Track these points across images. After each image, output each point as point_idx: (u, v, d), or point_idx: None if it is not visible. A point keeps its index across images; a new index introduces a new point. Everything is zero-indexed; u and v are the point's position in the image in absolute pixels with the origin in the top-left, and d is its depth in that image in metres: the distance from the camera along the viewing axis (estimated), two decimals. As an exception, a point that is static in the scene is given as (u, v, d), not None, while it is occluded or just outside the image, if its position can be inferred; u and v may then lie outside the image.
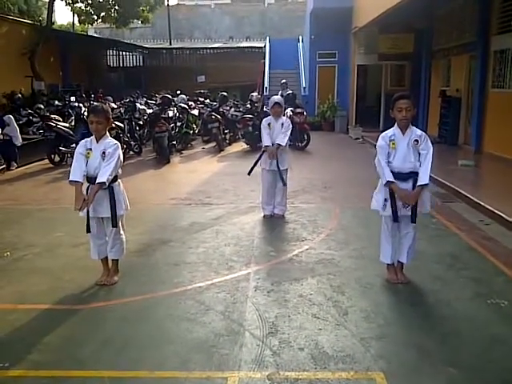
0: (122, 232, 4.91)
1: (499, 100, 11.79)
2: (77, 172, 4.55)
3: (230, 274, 5.14)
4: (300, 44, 25.39)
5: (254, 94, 16.62)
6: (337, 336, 3.87)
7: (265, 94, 20.81)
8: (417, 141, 4.55)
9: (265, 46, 26.02)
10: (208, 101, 18.92)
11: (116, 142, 4.73)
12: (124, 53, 29.51)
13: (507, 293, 4.60)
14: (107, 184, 4.54)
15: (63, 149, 11.86)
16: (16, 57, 17.79)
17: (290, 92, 16.32)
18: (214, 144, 14.86)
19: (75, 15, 26.13)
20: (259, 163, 7.30)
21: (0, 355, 3.64)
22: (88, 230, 4.80)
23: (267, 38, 26.60)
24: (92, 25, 27.35)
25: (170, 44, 32.00)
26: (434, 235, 6.38)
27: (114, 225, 4.69)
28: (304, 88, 21.65)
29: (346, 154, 14.02)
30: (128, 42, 29.26)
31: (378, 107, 18.44)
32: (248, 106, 15.69)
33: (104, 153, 4.58)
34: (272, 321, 4.11)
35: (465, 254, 5.66)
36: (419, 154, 4.57)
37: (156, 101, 17.50)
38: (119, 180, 4.90)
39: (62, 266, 5.29)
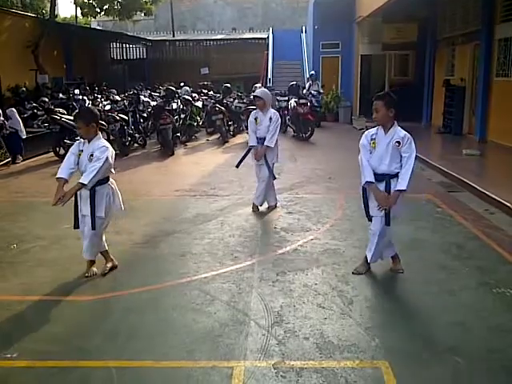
0: (101, 237, 4.93)
1: (503, 89, 11.72)
2: (64, 170, 4.64)
3: (235, 264, 5.16)
4: (303, 35, 25.26)
5: (258, 85, 16.59)
6: (342, 325, 3.89)
7: (268, 85, 20.74)
8: (398, 142, 4.44)
9: (268, 37, 25.92)
10: (212, 92, 18.87)
11: (105, 144, 4.71)
12: (127, 45, 29.42)
13: (512, 282, 4.60)
14: (88, 186, 4.55)
15: (68, 141, 11.85)
16: (20, 50, 17.78)
17: (294, 83, 16.28)
18: (217, 136, 14.85)
19: (78, 8, 26.08)
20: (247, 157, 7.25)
21: (7, 346, 3.68)
22: (76, 226, 4.87)
23: (270, 29, 26.49)
24: (95, 17, 27.27)
25: (173, 36, 31.87)
26: (439, 225, 6.37)
27: (93, 227, 4.70)
28: (308, 78, 21.57)
29: (350, 145, 13.90)
30: (131, 34, 29.17)
31: (382, 97, 18.38)
32: (252, 97, 15.64)
33: (92, 155, 4.61)
34: (277, 310, 4.13)
35: (470, 244, 5.65)
36: (401, 156, 4.48)
37: (160, 93, 17.51)
38: (112, 180, 4.95)
39: (69, 258, 5.33)
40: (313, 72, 18.79)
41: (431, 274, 4.83)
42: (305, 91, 17.52)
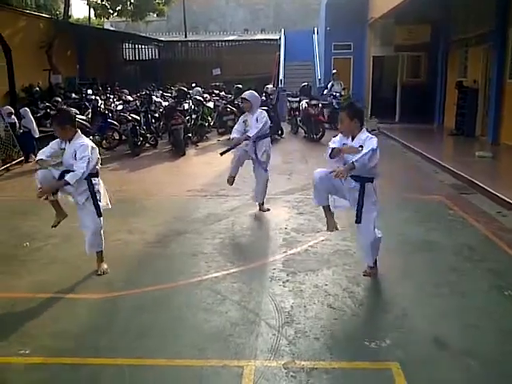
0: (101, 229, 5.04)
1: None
2: (42, 153, 4.86)
3: (246, 264, 5.17)
4: (315, 36, 25.22)
5: (269, 86, 16.58)
6: (352, 326, 3.89)
7: (280, 86, 20.74)
8: (361, 146, 4.46)
9: (280, 38, 25.90)
10: (223, 93, 18.90)
11: (85, 142, 4.78)
12: (140, 46, 29.57)
13: (525, 285, 4.57)
14: (73, 185, 4.68)
15: (80, 141, 11.96)
16: (34, 50, 17.92)
17: (306, 84, 16.25)
18: (228, 136, 14.83)
19: (91, 9, 26.25)
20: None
21: (20, 342, 3.72)
22: None
23: (282, 30, 26.48)
24: (108, 18, 27.43)
25: (186, 37, 31.97)
26: (451, 227, 6.34)
27: (100, 214, 4.94)
28: (319, 80, 21.55)
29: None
30: (143, 35, 29.31)
31: (394, 99, 18.28)
32: (263, 98, 15.64)
33: (75, 154, 4.70)
34: (288, 311, 4.13)
35: (482, 246, 5.62)
36: None
37: (172, 93, 17.55)
38: (99, 178, 5.06)
39: (80, 256, 5.36)
40: (334, 71, 18.14)
41: (443, 276, 4.81)
42: (326, 91, 17.25)
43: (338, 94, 16.81)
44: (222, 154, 7.47)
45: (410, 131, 15.33)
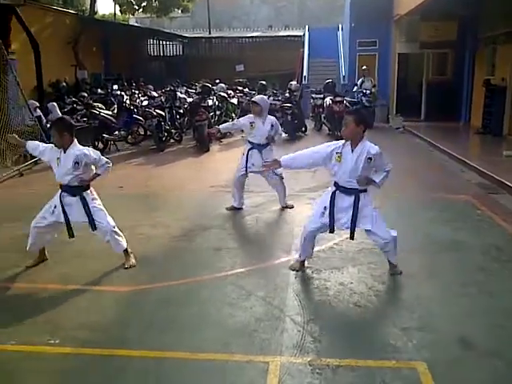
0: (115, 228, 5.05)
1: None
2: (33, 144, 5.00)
3: (271, 260, 5.18)
4: (340, 32, 25.05)
5: (293, 82, 16.55)
6: (378, 325, 3.87)
7: (303, 82, 20.67)
8: (370, 159, 4.43)
9: (304, 35, 25.80)
10: (247, 90, 18.92)
11: (84, 148, 4.86)
12: (164, 42, 29.75)
13: (555, 286, 4.48)
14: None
15: (106, 136, 12.11)
16: (61, 46, 18.17)
17: (330, 80, 16.16)
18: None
19: (117, 5, 26.52)
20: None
21: (50, 332, 3.79)
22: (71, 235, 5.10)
23: (306, 27, 26.36)
24: (133, 15, 27.70)
25: (210, 33, 32.09)
26: (478, 226, 6.25)
27: (94, 228, 4.92)
28: (344, 76, 21.40)
29: (387, 144, 13.74)
30: (168, 31, 29.49)
31: (420, 96, 18.07)
32: (287, 94, 15.63)
33: (77, 162, 4.74)
34: (313, 307, 4.13)
35: (510, 246, 5.53)
36: (374, 170, 4.54)
37: (196, 90, 17.63)
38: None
39: (108, 249, 5.42)
40: (365, 67, 17.05)
41: (470, 276, 4.75)
42: (356, 88, 16.53)
43: (367, 92, 16.09)
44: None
45: (435, 129, 15.14)
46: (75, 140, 4.86)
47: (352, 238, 4.67)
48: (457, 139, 13.76)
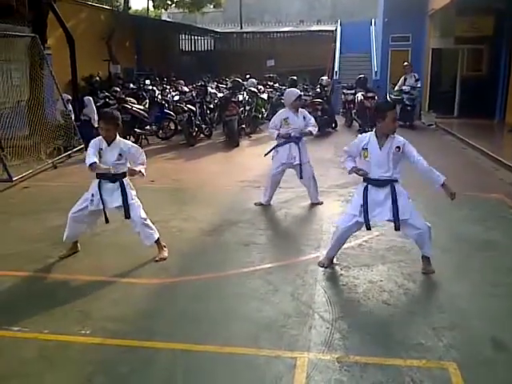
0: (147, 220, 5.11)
1: None
2: (92, 157, 4.77)
3: (299, 256, 5.18)
4: (372, 27, 24.75)
5: (324, 77, 16.43)
6: (408, 323, 3.83)
7: (335, 78, 20.51)
8: (398, 148, 4.44)
9: (336, 30, 25.58)
10: (277, 85, 18.87)
11: (127, 144, 5.00)
12: (196, 37, 29.91)
13: None
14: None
15: (138, 130, 12.26)
16: (95, 41, 18.44)
17: (362, 76, 15.97)
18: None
19: (150, 0, 26.75)
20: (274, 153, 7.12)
21: (81, 323, 3.87)
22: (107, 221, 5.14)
23: (338, 22, 26.13)
24: (166, 10, 27.89)
25: (241, 28, 32.09)
26: (511, 226, 6.12)
27: (128, 216, 4.96)
28: (376, 72, 21.17)
29: (419, 140, 13.55)
30: (200, 26, 29.62)
31: (453, 92, 17.73)
32: (318, 90, 15.54)
33: (121, 155, 4.87)
34: (341, 305, 4.11)
35: (545, 247, 5.39)
36: (408, 158, 4.55)
37: (226, 85, 17.67)
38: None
39: (138, 243, 5.50)
40: (406, 63, 16.00)
41: (501, 277, 4.65)
42: (397, 87, 15.55)
43: (407, 88, 15.14)
44: (265, 154, 7.38)
45: (469, 126, 14.84)
46: (118, 135, 4.97)
47: (397, 228, 4.54)
48: (490, 137, 13.46)
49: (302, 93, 15.66)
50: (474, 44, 16.70)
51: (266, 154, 7.36)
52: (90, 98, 12.11)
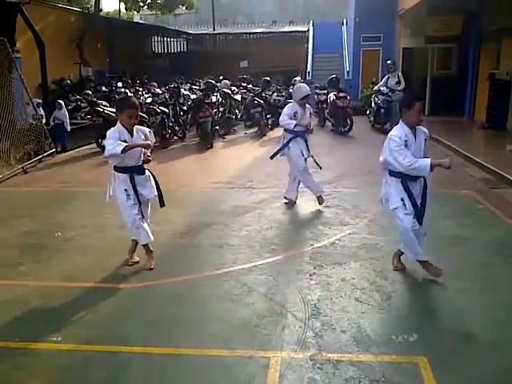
0: None
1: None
2: (117, 142, 4.58)
3: (273, 256, 5.20)
4: (344, 27, 24.99)
5: (297, 78, 16.55)
6: (379, 320, 3.87)
7: (308, 78, 20.63)
8: (425, 139, 4.48)
9: (308, 30, 25.74)
10: (251, 86, 18.91)
11: (144, 128, 4.96)
12: (168, 39, 29.77)
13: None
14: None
15: (110, 133, 12.14)
16: (65, 44, 18.17)
17: (334, 76, 16.10)
18: (256, 129, 14.87)
19: (122, 2, 26.54)
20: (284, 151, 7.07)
21: (52, 330, 3.82)
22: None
23: (311, 22, 26.30)
24: (138, 12, 27.73)
25: (214, 29, 32.07)
26: (481, 221, 6.25)
27: (163, 205, 5.05)
28: (347, 72, 21.36)
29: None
30: (172, 28, 29.48)
31: (424, 91, 17.99)
32: (290, 90, 15.60)
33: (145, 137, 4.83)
34: (314, 303, 4.14)
35: (512, 241, 5.52)
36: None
37: (200, 86, 17.64)
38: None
39: (110, 247, 5.47)
40: (389, 61, 15.16)
41: (472, 271, 4.75)
42: (376, 87, 14.81)
43: (385, 90, 14.20)
44: (272, 157, 7.28)
45: (439, 124, 15.07)
46: None
47: (421, 222, 4.50)
48: (460, 134, 13.70)
49: (275, 94, 15.84)
50: (443, 43, 16.97)
51: (272, 157, 7.27)
52: (61, 102, 11.96)
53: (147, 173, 4.96)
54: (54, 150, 11.40)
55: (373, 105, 15.03)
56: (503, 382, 3.15)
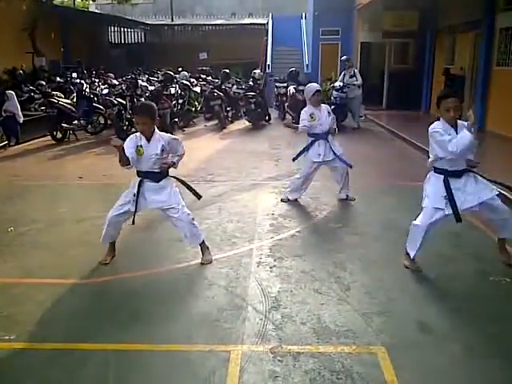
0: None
1: (504, 78, 11.68)
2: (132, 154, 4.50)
3: (233, 249, 5.17)
4: (303, 21, 25.09)
5: (257, 71, 16.48)
6: (339, 311, 3.90)
7: (267, 71, 20.63)
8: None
9: (268, 23, 25.72)
10: (210, 78, 18.76)
11: (168, 136, 4.70)
12: (126, 29, 29.19)
13: (509, 271, 4.60)
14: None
15: (65, 125, 11.83)
16: (16, 33, 17.58)
17: (293, 69, 16.16)
18: (216, 121, 14.78)
19: (76, -10, 25.82)
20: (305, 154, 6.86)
21: (5, 328, 3.68)
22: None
23: (270, 15, 26.28)
24: (94, 1, 27.03)
25: (172, 20, 31.60)
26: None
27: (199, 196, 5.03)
28: (307, 65, 21.48)
29: (348, 132, 13.89)
30: (130, 18, 28.89)
31: (382, 85, 18.28)
32: (250, 83, 15.57)
33: (163, 150, 4.59)
34: (274, 296, 4.14)
35: (468, 232, 5.64)
36: None
37: (158, 78, 17.37)
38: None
39: (66, 242, 5.32)
40: (344, 57, 14.61)
41: (429, 262, 4.83)
42: (337, 83, 13.83)
43: (338, 85, 13.65)
44: (294, 159, 7.08)
45: (397, 118, 15.38)
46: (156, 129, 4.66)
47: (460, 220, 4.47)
48: (417, 127, 13.95)
49: (235, 86, 15.76)
50: (400, 38, 17.28)
51: (294, 159, 7.07)
52: (12, 92, 11.52)
53: (164, 182, 4.78)
54: (6, 142, 11.01)
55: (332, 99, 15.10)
56: (459, 370, 3.21)
